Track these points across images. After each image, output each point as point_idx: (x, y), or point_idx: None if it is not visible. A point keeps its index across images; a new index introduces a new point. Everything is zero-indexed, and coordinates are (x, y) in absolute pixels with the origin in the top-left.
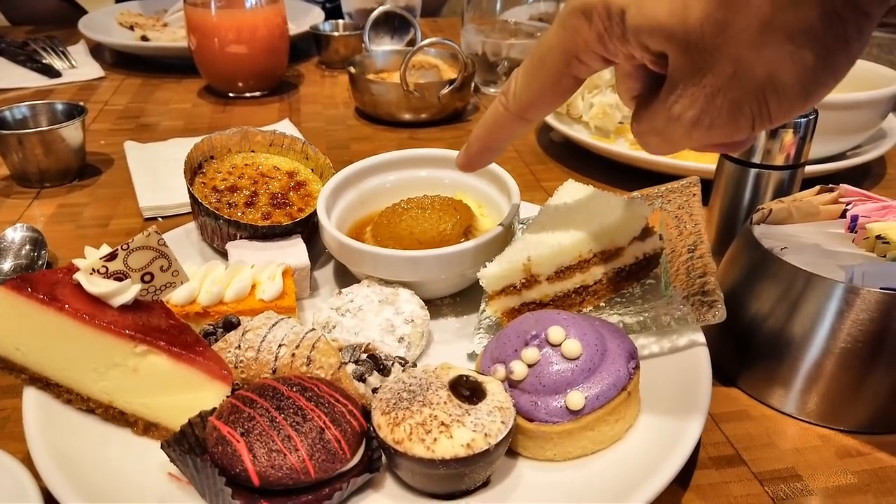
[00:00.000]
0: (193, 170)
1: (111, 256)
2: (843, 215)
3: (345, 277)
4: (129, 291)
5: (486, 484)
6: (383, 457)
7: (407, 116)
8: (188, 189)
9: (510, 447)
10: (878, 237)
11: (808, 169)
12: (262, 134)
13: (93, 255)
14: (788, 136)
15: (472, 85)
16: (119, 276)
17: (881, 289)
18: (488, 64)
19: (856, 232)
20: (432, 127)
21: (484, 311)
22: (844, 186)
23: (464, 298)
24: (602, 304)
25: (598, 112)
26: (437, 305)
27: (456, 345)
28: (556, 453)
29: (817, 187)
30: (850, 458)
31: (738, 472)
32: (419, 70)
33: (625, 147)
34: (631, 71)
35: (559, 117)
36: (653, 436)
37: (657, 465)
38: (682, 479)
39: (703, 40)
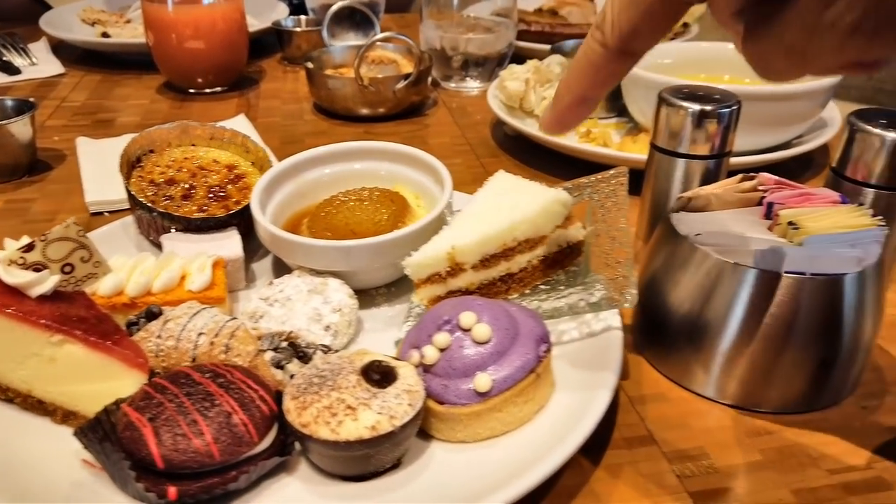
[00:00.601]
0: (131, 163)
1: (28, 247)
2: (761, 202)
3: (283, 269)
4: (48, 282)
5: (396, 465)
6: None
7: (364, 111)
8: (124, 182)
9: (423, 430)
10: (790, 223)
11: (750, 159)
12: (202, 128)
13: (11, 247)
14: (712, 126)
15: (430, 79)
16: (38, 267)
17: (786, 272)
18: (447, 59)
19: (771, 219)
20: (389, 121)
21: (413, 300)
22: (764, 174)
23: (399, 288)
24: (528, 291)
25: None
26: (371, 295)
27: (386, 333)
28: (466, 435)
29: (739, 175)
30: (759, 436)
31: (649, 452)
32: (378, 65)
33: (574, 140)
34: None
35: (511, 111)
36: (560, 417)
37: (557, 444)
38: (593, 458)
39: None
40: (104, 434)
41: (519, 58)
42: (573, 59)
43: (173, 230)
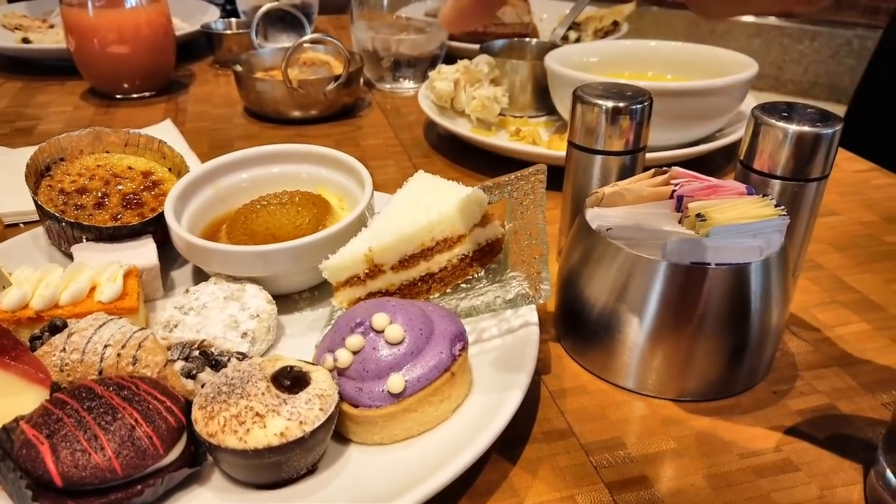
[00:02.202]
0: (40, 172)
1: None
2: (672, 196)
3: (203, 277)
4: None
5: (313, 470)
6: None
7: (296, 114)
8: (31, 192)
9: (342, 434)
10: (698, 215)
11: (669, 154)
12: (116, 134)
13: None
14: (626, 122)
15: (361, 80)
16: None
17: (693, 264)
18: (378, 60)
19: (682, 211)
20: (322, 123)
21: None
22: (675, 168)
23: (321, 292)
24: (449, 290)
25: (478, 105)
26: (294, 300)
27: (307, 337)
28: (383, 437)
29: (652, 170)
30: (675, 425)
31: (567, 444)
32: (310, 67)
33: (504, 139)
34: None
35: (443, 111)
36: (478, 414)
37: (470, 441)
38: (512, 454)
39: None
40: (4, 453)
41: (452, 58)
42: None
43: (84, 240)
